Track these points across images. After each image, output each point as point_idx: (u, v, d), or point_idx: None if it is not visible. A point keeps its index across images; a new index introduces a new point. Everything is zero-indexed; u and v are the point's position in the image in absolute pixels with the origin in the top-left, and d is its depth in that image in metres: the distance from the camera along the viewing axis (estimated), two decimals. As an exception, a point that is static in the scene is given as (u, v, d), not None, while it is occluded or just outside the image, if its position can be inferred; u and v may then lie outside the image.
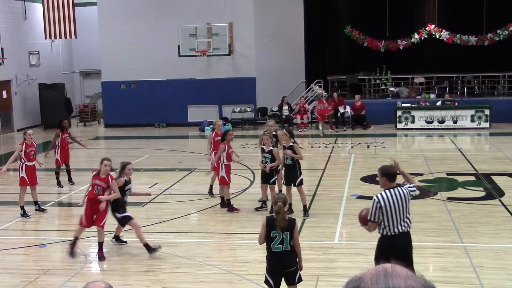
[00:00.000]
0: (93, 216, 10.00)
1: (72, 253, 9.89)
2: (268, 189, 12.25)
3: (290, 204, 12.08)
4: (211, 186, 13.85)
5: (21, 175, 12.73)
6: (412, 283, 1.41)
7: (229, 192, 12.73)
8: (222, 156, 12.49)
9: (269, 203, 12.14)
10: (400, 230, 7.15)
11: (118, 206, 10.09)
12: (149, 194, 11.43)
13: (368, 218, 7.19)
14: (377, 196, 7.22)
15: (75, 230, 10.22)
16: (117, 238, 10.66)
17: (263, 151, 12.27)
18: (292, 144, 11.76)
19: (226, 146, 12.50)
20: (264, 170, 12.14)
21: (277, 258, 6.99)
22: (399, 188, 7.27)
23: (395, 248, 6.97)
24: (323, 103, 24.34)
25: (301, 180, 11.76)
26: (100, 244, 10.02)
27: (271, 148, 12.09)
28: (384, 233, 7.19)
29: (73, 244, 9.95)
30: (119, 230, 10.59)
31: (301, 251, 7.16)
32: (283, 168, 12.01)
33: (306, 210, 11.92)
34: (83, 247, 10.64)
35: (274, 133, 13.44)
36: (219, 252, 10.34)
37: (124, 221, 10.17)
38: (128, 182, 10.25)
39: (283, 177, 12.04)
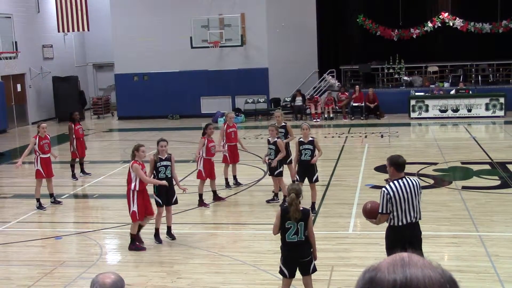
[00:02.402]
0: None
1: (139, 247, 9.95)
2: (276, 180, 12.19)
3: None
4: (226, 179, 13.92)
5: (37, 168, 12.82)
6: (430, 272, 1.40)
7: (203, 188, 12.54)
8: (201, 151, 12.33)
9: (280, 195, 12.15)
10: (408, 221, 7.06)
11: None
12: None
13: (380, 211, 7.11)
14: (386, 188, 7.12)
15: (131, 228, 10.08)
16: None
17: (268, 142, 12.18)
18: (312, 138, 11.48)
19: (206, 140, 12.33)
20: (269, 163, 12.00)
21: (292, 248, 6.99)
22: (408, 179, 7.16)
23: (402, 239, 6.92)
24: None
25: (317, 177, 11.48)
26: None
27: (275, 139, 11.97)
28: (392, 223, 7.12)
29: (135, 243, 10.00)
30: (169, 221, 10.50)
31: (316, 241, 7.16)
32: (297, 164, 11.55)
33: (314, 208, 11.39)
34: (98, 238, 10.71)
35: (284, 123, 13.32)
36: (233, 243, 10.35)
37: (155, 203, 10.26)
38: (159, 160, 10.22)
39: (297, 172, 11.51)
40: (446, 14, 26.82)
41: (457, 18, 26.70)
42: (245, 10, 25.77)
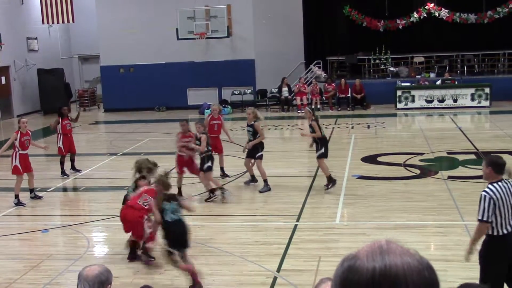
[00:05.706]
0: None
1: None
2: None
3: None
4: (221, 168, 14.09)
5: (14, 164, 12.53)
6: (408, 259, 1.42)
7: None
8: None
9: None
10: (510, 229, 6.31)
11: None
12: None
13: (480, 217, 6.28)
14: (486, 191, 6.26)
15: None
16: None
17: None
18: (253, 123, 12.39)
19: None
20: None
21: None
22: (506, 181, 6.38)
23: (506, 249, 6.27)
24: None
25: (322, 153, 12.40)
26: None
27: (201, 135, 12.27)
28: (495, 233, 6.28)
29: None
30: None
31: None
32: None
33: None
34: (85, 231, 10.68)
35: (252, 123, 12.81)
36: (220, 234, 10.36)
37: None
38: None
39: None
40: (432, 4, 26.90)
41: (443, 9, 26.78)
42: (231, 1, 25.68)
